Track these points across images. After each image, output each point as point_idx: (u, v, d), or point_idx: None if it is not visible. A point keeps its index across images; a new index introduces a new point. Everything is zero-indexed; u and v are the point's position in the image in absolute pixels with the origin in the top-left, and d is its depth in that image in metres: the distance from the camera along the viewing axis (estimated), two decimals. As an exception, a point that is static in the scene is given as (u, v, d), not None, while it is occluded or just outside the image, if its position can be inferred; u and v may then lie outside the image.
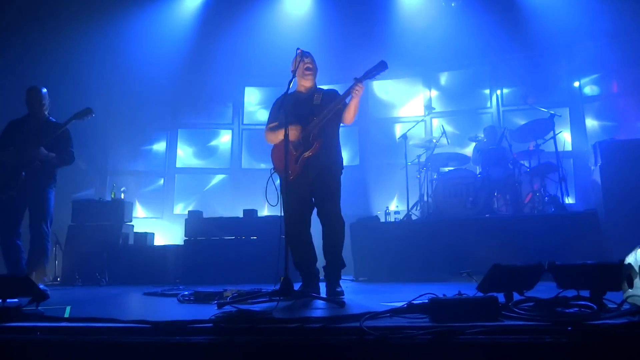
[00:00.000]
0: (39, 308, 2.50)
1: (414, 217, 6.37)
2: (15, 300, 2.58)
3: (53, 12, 7.18)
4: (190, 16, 8.27)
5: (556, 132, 6.06)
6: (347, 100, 3.49)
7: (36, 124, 4.52)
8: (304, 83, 3.69)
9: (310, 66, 3.65)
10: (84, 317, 2.22)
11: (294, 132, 3.39)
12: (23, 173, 4.28)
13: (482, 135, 7.02)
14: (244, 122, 9.02)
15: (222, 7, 8.16)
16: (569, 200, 6.53)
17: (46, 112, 4.61)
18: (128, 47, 7.85)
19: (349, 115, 3.53)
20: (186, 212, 6.53)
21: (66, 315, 2.45)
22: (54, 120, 4.60)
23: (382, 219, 6.55)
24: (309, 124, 3.45)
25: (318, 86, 3.79)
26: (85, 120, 4.51)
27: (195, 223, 6.07)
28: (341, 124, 3.65)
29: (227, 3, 8.11)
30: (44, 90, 4.63)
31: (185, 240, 6.00)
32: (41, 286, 3.31)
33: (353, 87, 3.37)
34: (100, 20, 7.43)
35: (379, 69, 3.42)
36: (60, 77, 6.95)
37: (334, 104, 3.45)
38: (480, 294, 2.22)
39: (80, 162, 7.87)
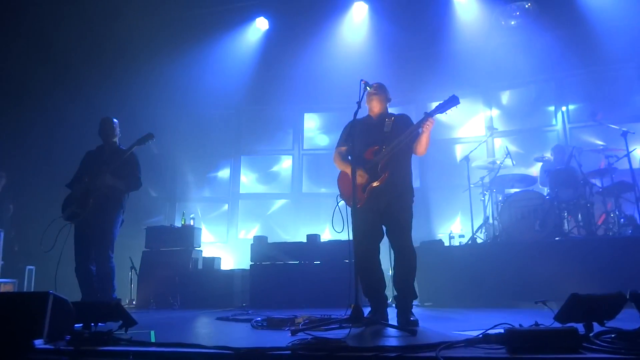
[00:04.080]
0: (128, 332, 2.69)
1: (478, 241, 6.24)
2: (103, 324, 2.78)
3: (125, 46, 7.72)
4: (251, 47, 8.66)
5: (630, 149, 5.79)
6: (419, 130, 3.47)
7: (107, 153, 4.76)
8: (373, 109, 3.74)
9: (376, 92, 3.67)
10: (171, 342, 2.37)
11: (360, 177, 3.40)
12: (91, 200, 4.46)
13: (549, 155, 6.81)
14: (304, 148, 9.22)
15: (281, 37, 8.49)
16: (647, 220, 6.17)
17: (117, 141, 4.89)
18: (194, 78, 8.31)
19: (421, 148, 3.53)
20: (249, 237, 6.72)
21: (152, 340, 2.60)
22: (122, 147, 4.85)
23: (446, 242, 6.46)
24: (378, 155, 3.49)
25: (389, 111, 3.82)
26: (147, 145, 4.72)
27: (260, 248, 6.22)
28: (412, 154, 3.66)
29: (286, 33, 8.42)
30: (115, 120, 4.92)
31: (251, 265, 6.16)
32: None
33: (423, 121, 3.37)
34: (169, 52, 7.91)
35: (450, 104, 3.40)
36: (133, 108, 7.44)
37: (403, 136, 3.46)
38: (558, 325, 2.17)
39: (151, 190, 8.39)
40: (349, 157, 3.56)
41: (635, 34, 7.02)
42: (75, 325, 2.67)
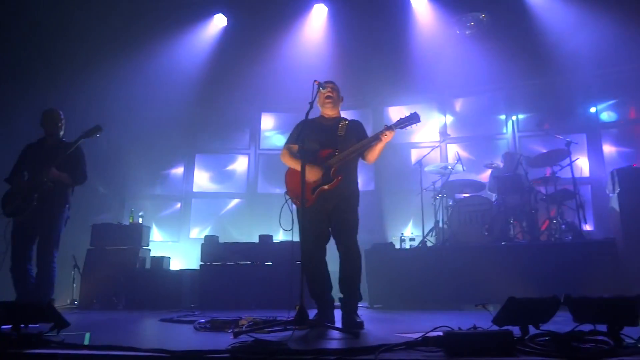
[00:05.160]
0: (60, 334, 2.56)
1: (429, 244, 6.35)
2: (36, 325, 2.64)
3: (74, 40, 7.42)
4: (209, 44, 8.50)
5: (573, 159, 6.04)
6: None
7: (50, 146, 4.56)
8: (326, 111, 3.72)
9: (331, 94, 3.65)
10: (104, 345, 2.27)
11: (312, 174, 3.39)
12: (35, 195, 4.27)
13: (499, 162, 7.01)
14: (260, 147, 9.14)
15: (239, 36, 8.38)
16: (587, 227, 6.45)
17: (61, 134, 4.68)
18: (147, 74, 8.06)
19: (372, 157, 3.57)
20: (202, 236, 6.59)
21: (86, 342, 2.49)
22: (66, 140, 4.65)
23: (397, 246, 6.54)
24: (332, 159, 3.48)
25: (342, 114, 3.82)
26: (97, 138, 4.56)
27: (211, 248, 6.12)
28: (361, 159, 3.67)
29: (244, 31, 8.32)
30: (60, 112, 4.72)
31: (201, 265, 6.04)
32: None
33: (383, 132, 3.38)
34: (121, 47, 7.66)
35: (411, 121, 3.42)
36: (81, 103, 7.16)
37: (360, 144, 3.47)
38: (495, 328, 2.22)
39: (99, 186, 8.09)
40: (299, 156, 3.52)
41: (580, 50, 7.35)
42: (3, 326, 2.53)
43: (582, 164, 7.33)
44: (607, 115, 7.80)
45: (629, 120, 7.63)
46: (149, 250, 6.80)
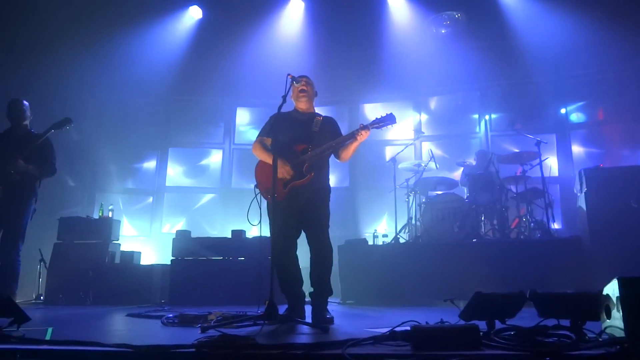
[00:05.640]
0: (20, 329, 2.48)
1: (401, 241, 6.40)
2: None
3: (44, 30, 7.21)
4: (183, 36, 8.39)
5: (543, 158, 6.16)
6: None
7: (17, 136, 4.45)
8: (299, 105, 3.68)
9: (305, 88, 3.62)
10: (66, 340, 2.20)
11: (284, 170, 3.37)
12: (1, 187, 4.18)
13: (472, 160, 7.10)
14: (235, 142, 9.05)
15: (215, 28, 8.29)
16: (555, 225, 6.60)
17: (27, 125, 4.57)
18: (120, 65, 7.91)
19: (346, 155, 3.57)
20: (174, 231, 6.50)
21: (47, 337, 2.42)
22: (34, 132, 4.54)
23: (370, 242, 6.57)
24: (305, 154, 3.45)
25: (316, 110, 3.80)
26: (66, 130, 4.47)
27: (183, 242, 6.03)
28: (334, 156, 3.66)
29: (220, 24, 8.23)
30: (26, 102, 4.61)
31: (172, 260, 5.95)
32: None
33: (358, 131, 3.36)
34: (93, 37, 7.48)
35: (387, 121, 3.40)
36: (50, 94, 6.97)
37: (335, 142, 3.46)
38: (462, 322, 2.24)
39: (68, 179, 7.90)
40: (272, 150, 3.48)
41: (551, 52, 7.51)
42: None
43: (552, 164, 7.49)
44: (576, 117, 7.99)
45: (597, 122, 7.82)
46: (119, 244, 6.66)
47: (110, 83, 8.09)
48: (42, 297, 6.12)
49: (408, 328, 2.12)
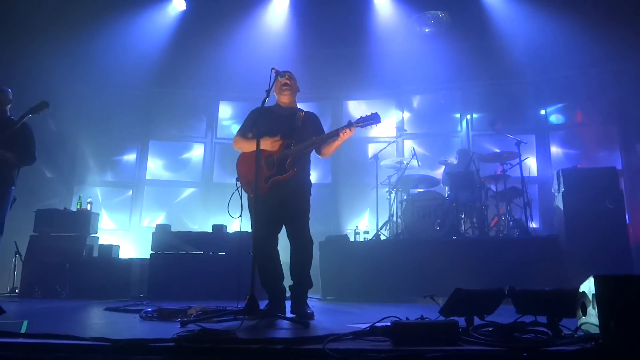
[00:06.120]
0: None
1: (382, 237, 6.43)
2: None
3: (24, 19, 7.04)
4: (166, 27, 8.28)
5: (522, 158, 6.25)
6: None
7: None
8: (282, 99, 3.67)
9: (288, 82, 3.62)
10: (41, 333, 2.16)
11: (275, 144, 3.38)
12: None
13: (453, 158, 7.17)
14: (217, 137, 8.97)
15: (198, 21, 8.20)
16: (534, 224, 6.71)
17: (7, 111, 4.46)
18: (101, 56, 7.77)
19: (327, 152, 3.58)
20: (154, 225, 6.43)
21: (23, 330, 2.37)
22: (13, 118, 4.42)
23: (352, 238, 6.59)
24: (288, 149, 3.44)
25: (299, 106, 3.79)
26: (45, 120, 4.36)
27: (163, 236, 5.97)
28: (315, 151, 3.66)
29: (205, 17, 8.15)
30: (8, 89, 4.50)
31: (151, 254, 5.88)
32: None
33: (343, 129, 3.37)
34: (73, 27, 7.32)
35: (372, 121, 3.41)
36: (29, 83, 6.80)
37: (319, 139, 3.45)
38: (442, 318, 2.26)
39: (45, 170, 7.74)
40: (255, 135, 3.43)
41: (532, 54, 7.62)
42: None
43: (531, 164, 7.60)
44: (555, 118, 8.13)
45: (575, 123, 7.97)
46: (97, 238, 6.58)
47: (91, 73, 7.93)
48: (17, 290, 6.01)
49: (388, 324, 2.13)
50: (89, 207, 6.57)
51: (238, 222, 3.22)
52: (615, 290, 1.83)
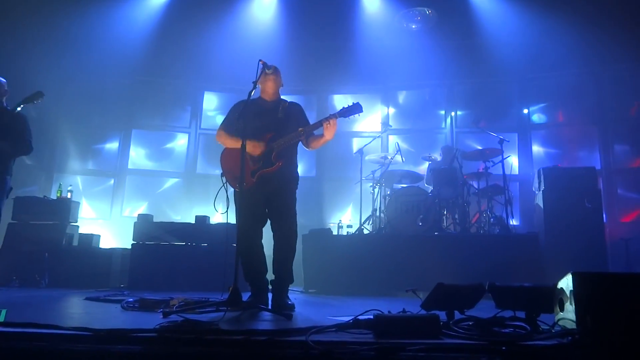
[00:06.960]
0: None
1: (365, 232, 6.47)
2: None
3: (5, 4, 6.86)
4: (152, 15, 8.14)
5: (504, 156, 6.33)
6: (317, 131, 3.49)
7: None
8: (267, 90, 3.66)
9: (273, 76, 3.62)
10: (22, 322, 2.13)
11: (256, 149, 3.38)
12: None
13: (437, 155, 7.23)
14: (202, 127, 8.90)
15: (185, 10, 8.08)
16: (514, 222, 6.81)
17: (4, 101, 4.41)
18: (84, 42, 7.63)
19: (316, 146, 3.59)
20: (136, 215, 6.37)
21: (1, 319, 2.34)
22: (8, 108, 4.38)
23: (335, 232, 6.61)
24: (273, 142, 3.44)
25: (282, 97, 3.79)
26: (37, 104, 4.33)
27: (144, 227, 5.91)
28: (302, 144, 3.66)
29: (191, 5, 8.03)
30: (3, 80, 4.45)
31: (132, 244, 5.83)
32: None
33: (327, 119, 3.38)
34: (56, 13, 7.17)
35: (353, 110, 3.44)
36: (9, 69, 6.64)
37: (302, 131, 3.45)
38: (423, 312, 2.29)
39: (25, 157, 7.57)
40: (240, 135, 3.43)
41: (517, 53, 7.70)
42: None
43: (513, 162, 7.71)
44: (537, 117, 8.25)
45: (557, 123, 8.11)
46: (78, 227, 6.50)
47: (74, 60, 7.79)
48: (-7, 279, 5.90)
49: (371, 317, 2.16)
50: (69, 195, 6.48)
51: (221, 214, 3.21)
52: (592, 286, 1.87)
